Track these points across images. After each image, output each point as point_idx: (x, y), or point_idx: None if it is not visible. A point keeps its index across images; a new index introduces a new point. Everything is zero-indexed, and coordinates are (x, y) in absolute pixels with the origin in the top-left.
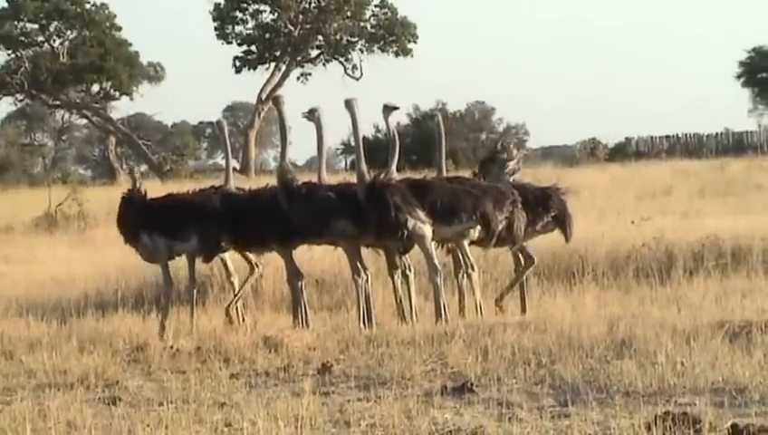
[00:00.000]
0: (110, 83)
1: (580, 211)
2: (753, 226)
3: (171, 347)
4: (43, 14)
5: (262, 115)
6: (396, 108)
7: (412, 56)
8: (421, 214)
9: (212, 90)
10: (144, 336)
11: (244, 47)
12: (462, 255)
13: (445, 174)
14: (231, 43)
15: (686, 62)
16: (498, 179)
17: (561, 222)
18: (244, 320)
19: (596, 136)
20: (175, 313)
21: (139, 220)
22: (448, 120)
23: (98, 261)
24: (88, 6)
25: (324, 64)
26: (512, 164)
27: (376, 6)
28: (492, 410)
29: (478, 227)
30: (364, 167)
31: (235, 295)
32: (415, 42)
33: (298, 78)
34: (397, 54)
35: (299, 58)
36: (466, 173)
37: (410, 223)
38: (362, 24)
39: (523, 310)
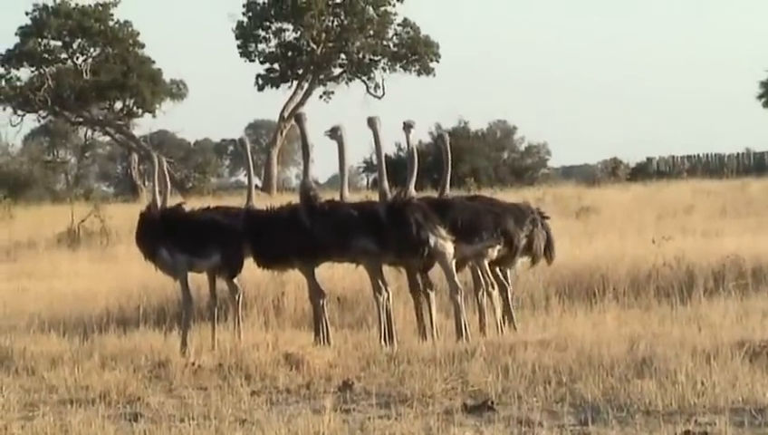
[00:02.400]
0: (132, 100)
1: (600, 230)
2: None
3: (193, 364)
4: (67, 32)
5: (284, 133)
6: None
7: (434, 75)
8: (443, 231)
9: (234, 107)
10: (166, 353)
11: (267, 65)
12: (482, 273)
13: (448, 193)
14: (254, 61)
15: (707, 82)
16: None
17: (545, 246)
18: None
19: (617, 155)
20: (197, 329)
21: (159, 236)
22: (470, 138)
23: (120, 277)
24: (111, 24)
25: (347, 83)
26: None
27: (399, 25)
28: (512, 428)
29: (498, 246)
30: (386, 185)
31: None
32: (437, 60)
33: (320, 96)
34: (419, 73)
35: (321, 76)
36: (488, 192)
37: (432, 240)
38: (385, 42)
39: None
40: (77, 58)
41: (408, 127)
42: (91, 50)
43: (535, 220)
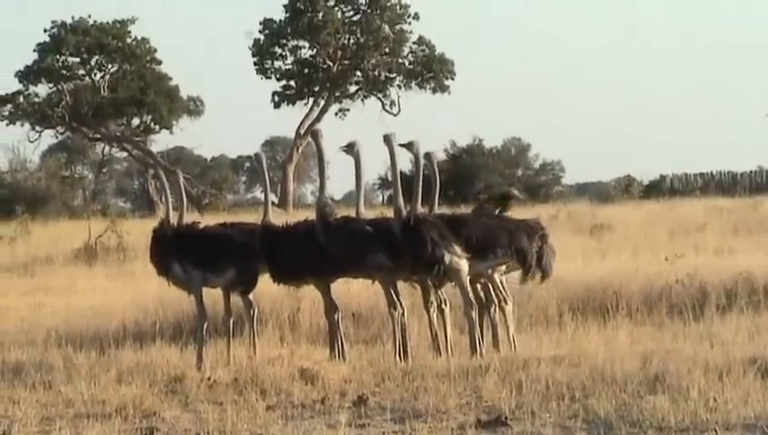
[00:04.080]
0: (150, 117)
1: (613, 247)
2: None
3: (208, 378)
4: (85, 48)
5: (300, 150)
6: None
7: (449, 92)
8: (458, 249)
9: (251, 124)
10: (182, 367)
11: (283, 82)
12: (495, 289)
13: (436, 211)
14: (270, 78)
15: (720, 100)
16: None
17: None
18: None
19: (631, 173)
20: (212, 344)
21: (172, 252)
22: (485, 155)
23: (136, 292)
24: (129, 41)
25: (362, 100)
26: None
27: (414, 43)
28: None
29: (511, 263)
30: (401, 202)
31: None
32: (452, 78)
33: (336, 113)
34: (434, 91)
35: (337, 93)
36: None
37: (447, 258)
38: (400, 60)
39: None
40: (95, 74)
41: (410, 146)
42: (109, 66)
43: (544, 236)
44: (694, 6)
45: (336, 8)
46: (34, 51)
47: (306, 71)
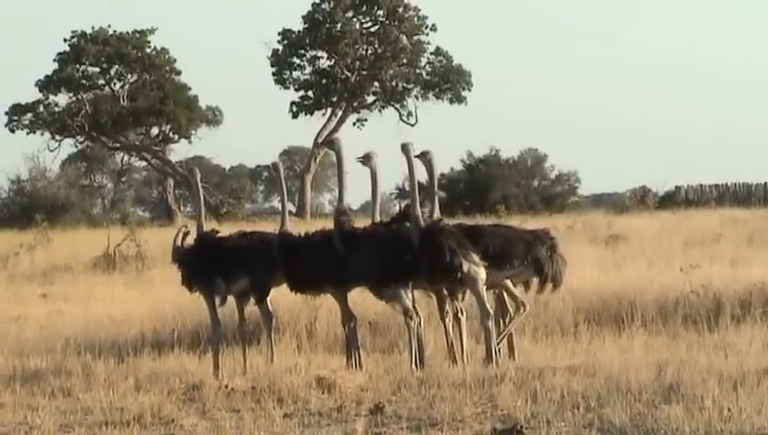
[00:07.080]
0: (169, 126)
1: (629, 257)
2: None
3: (226, 386)
4: (105, 58)
5: (318, 159)
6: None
7: (466, 103)
8: (476, 257)
9: (269, 134)
10: (199, 375)
11: (302, 92)
12: (510, 295)
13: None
14: (288, 88)
15: (735, 111)
16: None
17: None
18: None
19: (646, 184)
20: (230, 353)
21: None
22: (501, 166)
23: (155, 301)
24: (148, 50)
25: (380, 110)
26: None
27: (431, 54)
28: None
29: (527, 273)
30: (419, 211)
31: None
32: (469, 89)
33: (354, 123)
34: (451, 101)
35: (355, 104)
36: (518, 219)
37: (465, 266)
38: (418, 71)
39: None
40: (114, 84)
41: (423, 156)
42: (129, 76)
43: (554, 246)
44: (704, 17)
45: (354, 19)
46: (54, 60)
47: (324, 81)
